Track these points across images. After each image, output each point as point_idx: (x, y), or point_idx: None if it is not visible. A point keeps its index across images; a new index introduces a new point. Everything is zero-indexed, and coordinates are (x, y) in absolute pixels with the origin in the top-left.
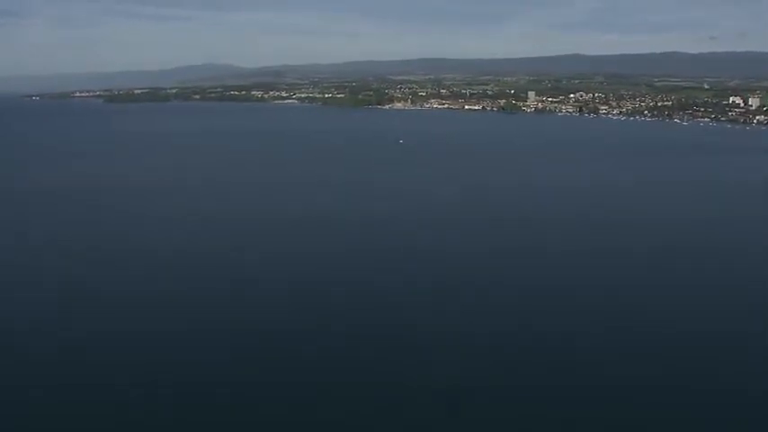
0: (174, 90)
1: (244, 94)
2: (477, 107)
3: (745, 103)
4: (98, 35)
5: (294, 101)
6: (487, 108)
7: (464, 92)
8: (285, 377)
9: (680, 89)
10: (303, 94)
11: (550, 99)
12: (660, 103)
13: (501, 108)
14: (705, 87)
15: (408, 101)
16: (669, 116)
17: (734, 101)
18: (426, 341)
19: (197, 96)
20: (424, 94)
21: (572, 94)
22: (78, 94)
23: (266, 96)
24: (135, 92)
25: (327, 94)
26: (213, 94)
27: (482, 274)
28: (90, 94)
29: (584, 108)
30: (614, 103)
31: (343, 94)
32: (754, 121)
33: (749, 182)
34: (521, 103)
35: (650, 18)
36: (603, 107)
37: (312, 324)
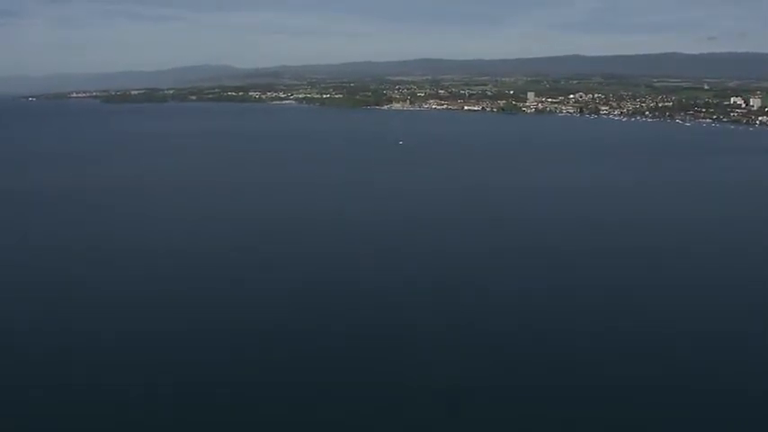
0: (171, 91)
1: (241, 94)
2: (477, 108)
3: (746, 104)
4: (96, 36)
5: (292, 101)
6: (487, 109)
7: (463, 92)
8: (285, 377)
9: (680, 90)
10: (301, 95)
11: (550, 100)
12: (661, 104)
13: (501, 109)
14: (705, 88)
15: (407, 101)
16: (671, 117)
17: (735, 101)
18: (426, 341)
19: (194, 97)
20: (423, 94)
21: (571, 95)
22: (75, 95)
23: (264, 97)
24: (131, 92)
25: (325, 95)
26: (210, 95)
27: (482, 274)
28: (86, 94)
29: (584, 109)
30: (615, 103)
31: (341, 95)
32: (757, 121)
33: (758, 182)
34: (520, 104)
35: (648, 19)
36: (604, 108)
37: (312, 324)
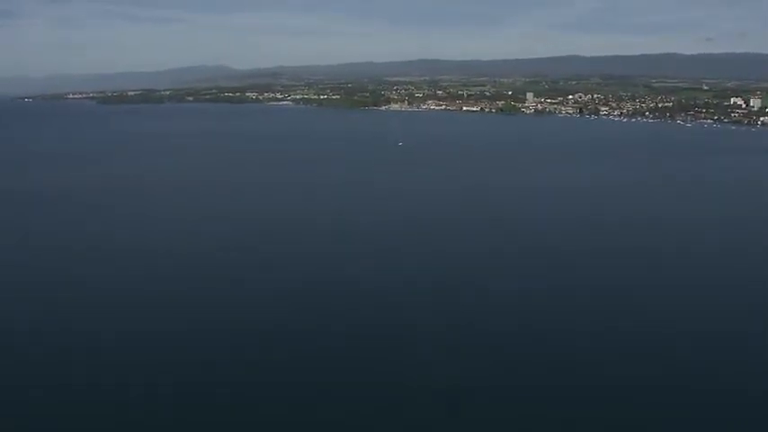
0: (168, 92)
1: (238, 95)
2: (475, 108)
3: (746, 104)
4: (95, 37)
5: (289, 102)
6: (486, 109)
7: (461, 93)
8: (285, 377)
9: (679, 90)
10: (298, 96)
11: (549, 100)
12: (661, 105)
13: (500, 109)
14: (704, 88)
15: (405, 102)
16: (671, 117)
17: (735, 102)
18: (426, 341)
19: (190, 98)
20: (421, 95)
21: (570, 96)
22: (71, 96)
23: (261, 98)
24: (128, 93)
25: (323, 96)
26: (207, 96)
27: (482, 274)
28: (83, 95)
29: (584, 109)
30: (614, 104)
31: (338, 96)
32: (759, 122)
33: (759, 182)
34: (519, 105)
35: (646, 19)
36: (604, 108)
37: (312, 324)
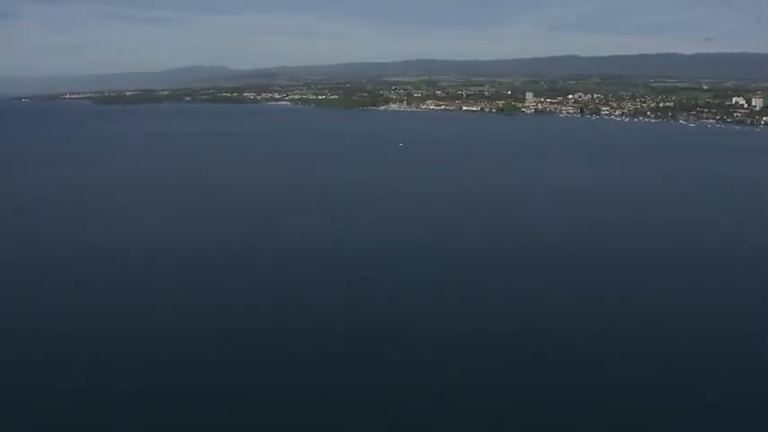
0: (166, 92)
1: (236, 95)
2: (475, 108)
3: (748, 104)
4: (94, 38)
5: (287, 102)
6: (485, 109)
7: (460, 93)
8: (285, 377)
9: (679, 90)
10: (296, 96)
11: (549, 100)
12: (662, 104)
13: (500, 109)
14: (704, 88)
15: (404, 102)
16: (673, 117)
17: (737, 101)
18: (426, 341)
19: (188, 98)
20: (420, 95)
21: (570, 95)
22: (68, 96)
23: (259, 98)
24: (126, 93)
25: (321, 96)
26: (205, 96)
27: (483, 274)
28: (80, 95)
29: (584, 109)
30: (615, 103)
31: (336, 96)
32: (762, 122)
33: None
34: (519, 105)
35: (644, 20)
36: (605, 108)
37: (312, 324)
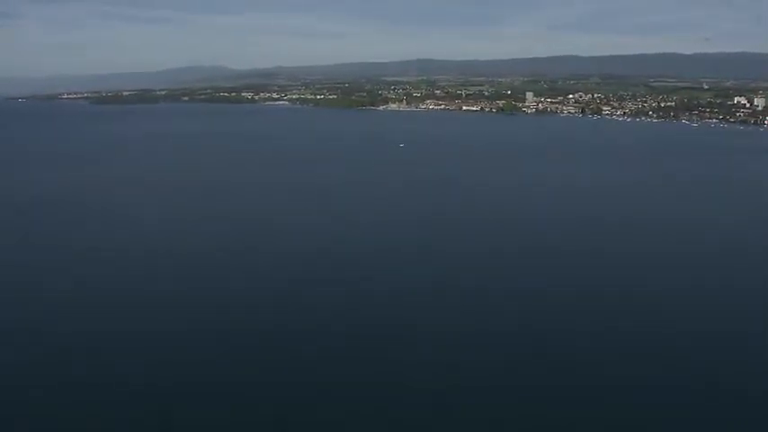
0: (164, 92)
1: (234, 95)
2: (475, 108)
3: (750, 104)
4: (94, 37)
5: (285, 102)
6: (486, 109)
7: (459, 93)
8: (285, 377)
9: (679, 89)
10: (295, 96)
11: (549, 100)
12: (663, 104)
13: (500, 109)
14: (705, 88)
15: (403, 102)
16: (675, 117)
17: (739, 101)
18: (426, 341)
19: (186, 98)
20: (419, 95)
21: (570, 95)
22: (66, 96)
23: (257, 98)
24: (123, 93)
25: (319, 96)
26: (203, 96)
27: (482, 275)
28: (77, 95)
29: (586, 109)
30: (616, 103)
31: (335, 96)
32: (765, 121)
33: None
34: (520, 104)
35: (644, 20)
36: (606, 108)
37: (312, 324)
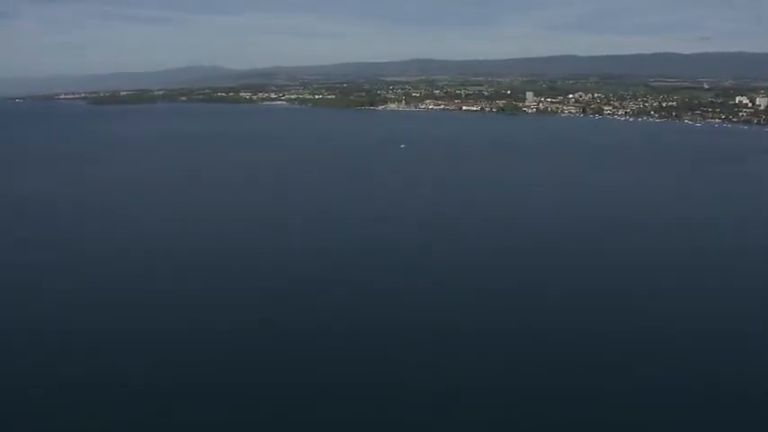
0: (162, 92)
1: (232, 95)
2: (475, 108)
3: (752, 104)
4: (93, 37)
5: (284, 102)
6: (486, 109)
7: (459, 92)
8: (285, 377)
9: (679, 89)
10: (293, 96)
11: (549, 100)
12: (664, 104)
13: (500, 109)
14: (705, 87)
15: (402, 102)
16: (677, 117)
17: (741, 101)
18: (426, 341)
19: (183, 98)
20: (418, 94)
21: (570, 95)
22: (63, 96)
23: (255, 98)
24: (121, 93)
25: (318, 96)
26: (201, 96)
27: (483, 275)
28: (75, 95)
29: (587, 109)
30: (617, 103)
31: (333, 95)
32: None
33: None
34: (520, 104)
35: (641, 20)
36: (607, 108)
37: (312, 324)
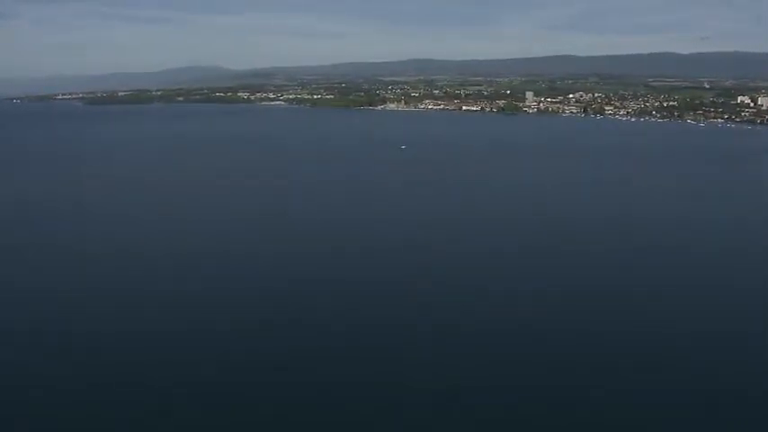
0: (159, 92)
1: (230, 95)
2: (475, 108)
3: (754, 103)
4: (93, 37)
5: (282, 102)
6: (486, 109)
7: (458, 92)
8: (285, 377)
9: (679, 89)
10: (291, 96)
11: (550, 99)
12: (666, 104)
13: (501, 109)
14: (706, 87)
15: (401, 102)
16: (680, 117)
17: (743, 101)
18: (426, 341)
19: (180, 98)
20: (417, 94)
21: (571, 95)
22: (60, 97)
23: (252, 98)
24: (118, 94)
25: (316, 96)
26: (198, 96)
27: (483, 275)
28: (72, 96)
29: (588, 108)
30: (618, 103)
31: (332, 95)
32: None
33: None
34: (520, 104)
35: (642, 19)
36: (609, 107)
37: (312, 324)
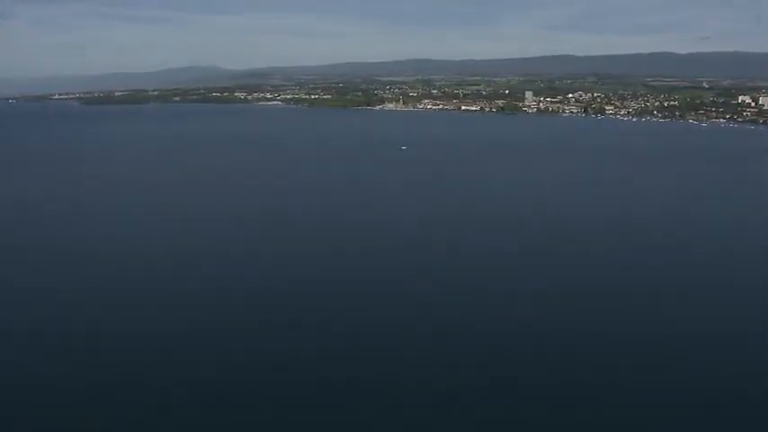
0: (156, 92)
1: (227, 95)
2: (475, 108)
3: (756, 103)
4: (93, 37)
5: (279, 102)
6: (485, 109)
7: (457, 92)
8: (285, 377)
9: (679, 89)
10: (289, 95)
11: (549, 99)
12: (666, 103)
13: (500, 109)
14: (705, 87)
15: (400, 101)
16: (681, 116)
17: (743, 100)
18: (426, 341)
19: (177, 98)
20: (416, 94)
21: (570, 95)
22: (57, 97)
23: (250, 98)
24: (115, 94)
25: (314, 95)
26: (195, 96)
27: (483, 275)
28: (69, 96)
29: (588, 108)
30: (618, 102)
31: (329, 95)
32: None
33: None
34: (520, 104)
35: (642, 19)
36: (609, 107)
37: (312, 323)
